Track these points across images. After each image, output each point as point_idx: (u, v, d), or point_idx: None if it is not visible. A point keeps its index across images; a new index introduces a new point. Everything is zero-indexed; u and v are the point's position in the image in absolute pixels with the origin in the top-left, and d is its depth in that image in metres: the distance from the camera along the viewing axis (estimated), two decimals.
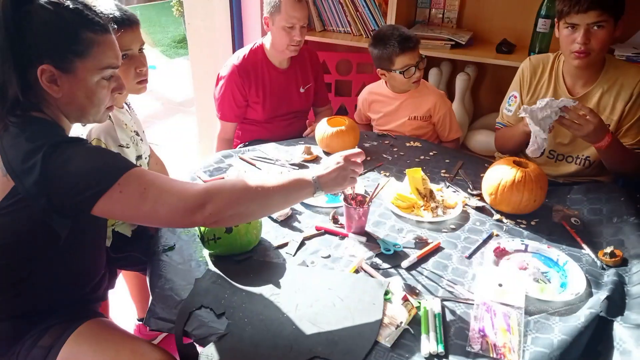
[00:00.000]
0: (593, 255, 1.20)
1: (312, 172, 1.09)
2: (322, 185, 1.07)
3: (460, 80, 2.41)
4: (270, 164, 1.68)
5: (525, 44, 2.29)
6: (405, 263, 1.16)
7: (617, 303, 1.02)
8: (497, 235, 1.30)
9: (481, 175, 1.61)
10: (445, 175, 1.62)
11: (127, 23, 1.25)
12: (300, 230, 1.29)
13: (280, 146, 1.81)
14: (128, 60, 1.29)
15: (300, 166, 1.67)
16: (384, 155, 1.76)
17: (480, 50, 2.38)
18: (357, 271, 1.14)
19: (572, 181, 1.66)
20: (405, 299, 1.04)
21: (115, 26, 1.06)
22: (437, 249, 1.23)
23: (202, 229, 1.15)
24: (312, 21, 2.71)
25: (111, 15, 1.12)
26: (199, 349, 0.98)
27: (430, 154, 1.78)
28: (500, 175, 1.36)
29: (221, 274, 1.13)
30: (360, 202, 1.29)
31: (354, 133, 1.74)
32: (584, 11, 1.41)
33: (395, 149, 1.81)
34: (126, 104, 1.46)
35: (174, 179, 0.98)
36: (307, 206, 1.41)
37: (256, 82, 2.01)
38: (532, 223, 1.36)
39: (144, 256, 1.33)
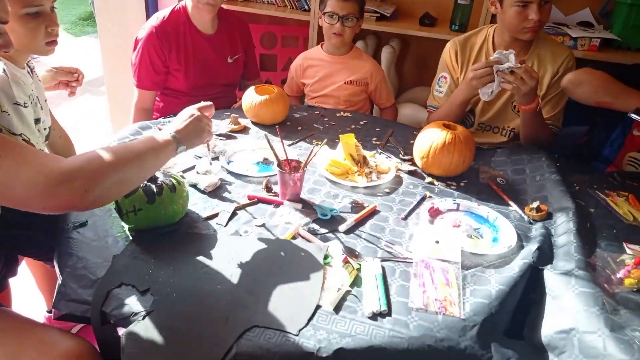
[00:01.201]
0: (520, 211, 1.24)
1: (169, 129, 1.03)
2: (182, 140, 1.02)
3: (385, 53, 2.42)
4: None
5: (447, 17, 2.34)
6: (342, 227, 1.12)
7: (546, 253, 1.06)
8: (429, 197, 1.30)
9: (411, 142, 1.62)
10: (377, 142, 1.60)
11: None
12: (231, 201, 1.21)
13: None
14: (38, 17, 1.14)
15: (228, 137, 1.57)
16: (315, 125, 1.71)
17: (404, 23, 2.40)
18: (294, 238, 1.09)
19: (495, 146, 1.72)
20: (345, 262, 1.00)
21: None
22: (374, 213, 1.21)
23: (121, 199, 1.03)
24: None
25: None
26: (121, 331, 0.87)
27: (361, 122, 1.76)
28: (431, 138, 1.36)
29: (143, 249, 1.02)
30: (294, 167, 1.24)
31: (284, 101, 1.67)
32: None
33: (326, 119, 1.77)
34: (29, 67, 1.28)
35: (41, 151, 0.84)
36: (238, 176, 1.33)
37: (177, 47, 1.86)
38: (462, 184, 1.38)
39: (43, 236, 1.17)
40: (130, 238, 1.04)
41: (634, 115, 1.27)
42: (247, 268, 0.98)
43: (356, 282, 0.97)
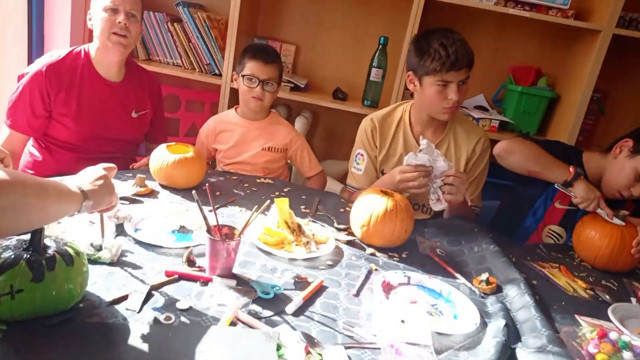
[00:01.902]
0: (469, 284, 1.16)
1: (71, 182, 0.87)
2: (90, 194, 0.87)
3: (300, 124, 2.36)
4: None
5: (357, 93, 2.40)
6: (290, 307, 0.93)
7: (511, 330, 0.97)
8: (376, 270, 1.17)
9: (341, 210, 1.52)
10: (306, 210, 1.46)
11: None
12: (143, 279, 0.95)
13: None
14: None
15: (132, 201, 1.31)
16: (235, 191, 1.53)
17: (317, 95, 2.39)
18: (233, 324, 0.86)
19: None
20: (307, 352, 0.80)
21: None
22: (321, 289, 1.03)
23: None
24: (134, 49, 2.38)
25: None
26: None
27: (285, 190, 1.61)
28: (370, 206, 1.26)
29: (20, 351, 0.71)
30: (226, 235, 1.03)
31: (201, 163, 1.47)
32: (459, 69, 1.48)
33: (246, 185, 1.60)
34: None
35: None
36: (149, 247, 1.07)
37: (69, 89, 1.58)
38: (404, 255, 1.28)
39: None
40: (0, 337, 0.73)
41: (560, 187, 1.31)
42: None
43: None
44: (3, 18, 2.05)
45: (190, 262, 1.03)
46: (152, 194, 1.38)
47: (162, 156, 1.42)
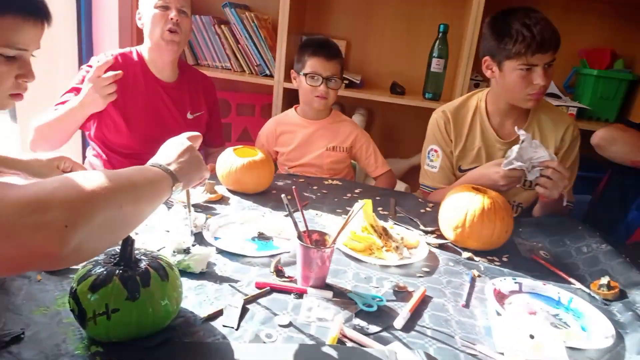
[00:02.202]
0: (587, 290, 1.03)
1: (154, 162, 0.80)
2: (178, 174, 0.77)
3: (357, 121, 2.25)
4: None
5: (415, 85, 2.27)
6: (398, 322, 0.82)
7: None
8: (479, 277, 1.05)
9: (421, 210, 1.40)
10: (384, 212, 1.35)
11: (42, 14, 0.87)
12: (233, 291, 0.86)
13: None
14: (13, 63, 0.87)
15: (204, 208, 1.23)
16: (305, 194, 1.43)
17: (373, 90, 2.28)
18: (340, 341, 0.76)
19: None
20: None
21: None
22: (424, 299, 0.92)
23: (83, 296, 0.65)
24: (182, 53, 2.33)
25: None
26: None
27: (356, 191, 1.51)
28: (465, 205, 1.14)
29: None
30: (316, 242, 0.93)
31: (269, 166, 1.39)
32: (545, 51, 1.34)
33: (314, 187, 1.50)
34: None
35: None
36: (233, 257, 0.99)
37: (126, 90, 1.53)
38: (504, 259, 1.15)
39: None
40: (98, 359, 0.65)
41: None
42: None
43: None
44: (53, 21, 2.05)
45: (279, 272, 0.94)
46: (222, 200, 1.31)
47: (230, 160, 1.34)
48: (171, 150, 0.83)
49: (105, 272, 0.67)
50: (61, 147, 1.50)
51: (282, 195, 0.93)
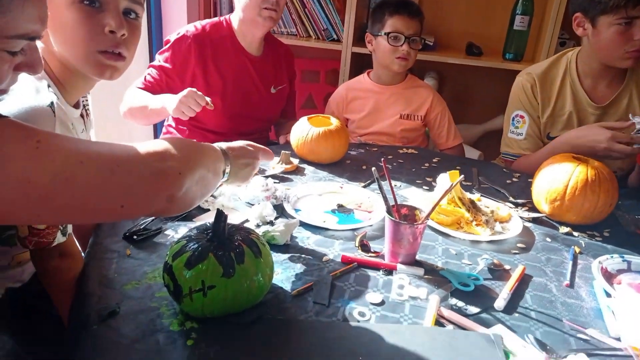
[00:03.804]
0: None
1: (217, 144, 0.81)
2: (232, 161, 0.80)
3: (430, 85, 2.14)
4: None
5: (494, 46, 2.11)
6: (499, 302, 0.76)
7: None
8: (580, 253, 0.96)
9: (507, 181, 1.30)
10: (468, 183, 1.27)
11: None
12: (319, 265, 0.84)
13: None
14: (95, 11, 0.79)
15: (281, 179, 1.21)
16: (380, 164, 1.37)
17: (446, 52, 2.15)
18: (438, 323, 0.72)
19: None
20: None
21: None
22: (524, 278, 0.85)
23: (178, 272, 0.65)
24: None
25: None
26: None
27: (434, 160, 1.43)
28: (565, 176, 1.04)
29: (220, 353, 0.63)
30: (405, 216, 0.88)
31: (344, 135, 1.34)
32: None
33: (390, 157, 1.44)
34: (84, 106, 0.92)
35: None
36: (315, 229, 0.96)
37: (216, 62, 1.51)
38: (606, 234, 1.05)
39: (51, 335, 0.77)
40: (195, 334, 0.65)
41: None
42: None
43: None
44: None
45: (364, 247, 0.90)
46: (297, 170, 1.28)
47: (305, 129, 1.31)
48: (235, 144, 0.84)
49: (200, 249, 0.66)
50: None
51: (373, 169, 0.88)
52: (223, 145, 0.80)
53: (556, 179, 1.05)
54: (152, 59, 2.10)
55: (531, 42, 2.00)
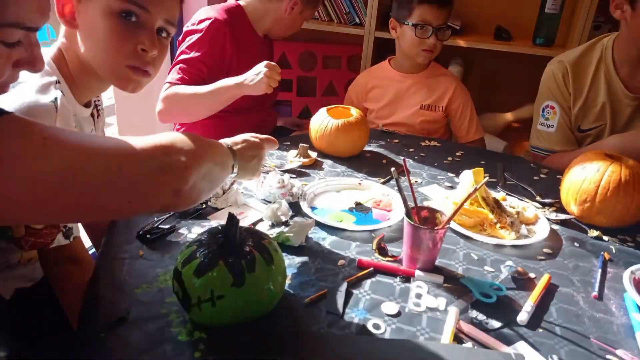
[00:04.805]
0: None
1: (224, 141, 0.80)
2: (239, 155, 0.78)
3: (455, 72, 2.06)
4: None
5: (524, 29, 2.01)
6: (522, 316, 0.72)
7: None
8: (610, 260, 0.91)
9: (534, 177, 1.25)
10: (492, 180, 1.22)
11: None
12: (335, 270, 0.81)
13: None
14: (131, 25, 0.79)
15: (299, 174, 1.18)
16: (402, 158, 1.33)
17: (474, 36, 2.06)
18: (457, 338, 0.68)
19: None
20: None
21: None
22: (549, 288, 0.81)
23: (188, 281, 0.63)
24: None
25: None
26: None
27: (458, 154, 1.38)
28: (597, 175, 0.98)
29: None
30: (425, 220, 0.84)
31: (365, 127, 1.30)
32: None
33: (411, 150, 1.39)
34: (96, 106, 0.92)
35: None
36: (331, 230, 0.93)
37: (239, 46, 1.48)
38: (638, 239, 0.99)
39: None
40: (203, 345, 0.63)
41: None
42: None
43: None
44: None
45: (382, 250, 0.87)
46: (316, 164, 1.25)
47: (324, 121, 1.27)
48: (241, 140, 0.82)
49: (210, 255, 0.64)
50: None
51: (392, 170, 0.84)
52: (228, 140, 0.80)
53: (587, 179, 0.99)
54: None
55: (563, 26, 1.90)
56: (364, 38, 2.07)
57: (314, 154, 1.27)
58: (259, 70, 1.26)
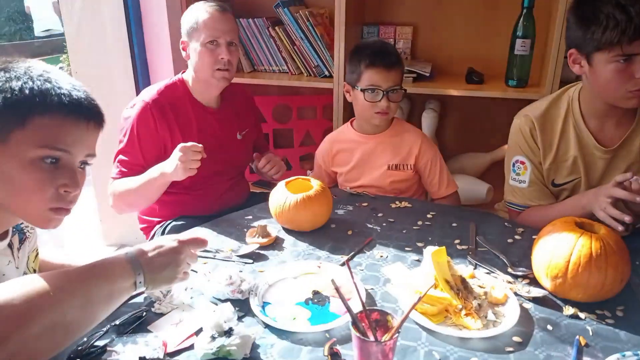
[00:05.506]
0: None
1: (129, 251, 0.77)
2: (145, 267, 0.75)
3: (427, 118, 2.03)
4: (208, 258, 1.11)
5: (496, 71, 1.97)
6: None
7: None
8: (586, 346, 0.83)
9: (509, 240, 1.18)
10: (462, 247, 1.15)
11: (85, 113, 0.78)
12: None
13: (214, 229, 1.25)
14: (55, 170, 0.76)
15: (256, 257, 1.12)
16: (369, 226, 1.27)
17: (445, 81, 2.02)
18: None
19: None
20: None
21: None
22: None
23: None
24: (238, 61, 2.23)
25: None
26: None
27: (429, 216, 1.31)
28: (566, 249, 0.91)
29: None
30: (376, 323, 0.77)
31: (327, 200, 1.24)
32: None
33: (380, 215, 1.33)
34: (19, 234, 0.88)
35: None
36: (282, 333, 0.86)
37: (178, 124, 1.46)
38: (618, 313, 0.91)
39: None
40: None
41: None
42: None
43: None
44: (108, 58, 2.06)
45: (334, 357, 0.80)
46: (276, 243, 1.18)
47: (282, 196, 1.21)
48: (159, 246, 0.79)
49: None
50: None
51: (331, 280, 0.78)
52: (134, 251, 0.77)
53: (556, 253, 0.92)
54: (133, 57, 2.07)
55: (536, 67, 1.86)
56: (333, 90, 2.03)
57: (275, 231, 1.21)
58: (175, 155, 1.26)
